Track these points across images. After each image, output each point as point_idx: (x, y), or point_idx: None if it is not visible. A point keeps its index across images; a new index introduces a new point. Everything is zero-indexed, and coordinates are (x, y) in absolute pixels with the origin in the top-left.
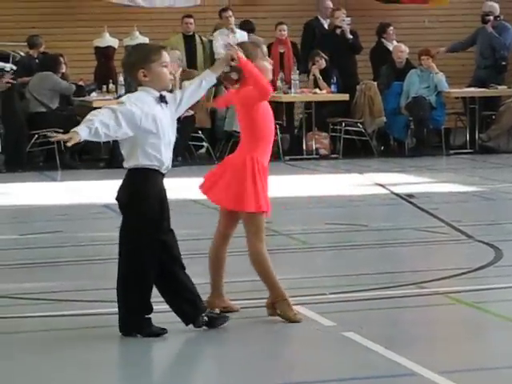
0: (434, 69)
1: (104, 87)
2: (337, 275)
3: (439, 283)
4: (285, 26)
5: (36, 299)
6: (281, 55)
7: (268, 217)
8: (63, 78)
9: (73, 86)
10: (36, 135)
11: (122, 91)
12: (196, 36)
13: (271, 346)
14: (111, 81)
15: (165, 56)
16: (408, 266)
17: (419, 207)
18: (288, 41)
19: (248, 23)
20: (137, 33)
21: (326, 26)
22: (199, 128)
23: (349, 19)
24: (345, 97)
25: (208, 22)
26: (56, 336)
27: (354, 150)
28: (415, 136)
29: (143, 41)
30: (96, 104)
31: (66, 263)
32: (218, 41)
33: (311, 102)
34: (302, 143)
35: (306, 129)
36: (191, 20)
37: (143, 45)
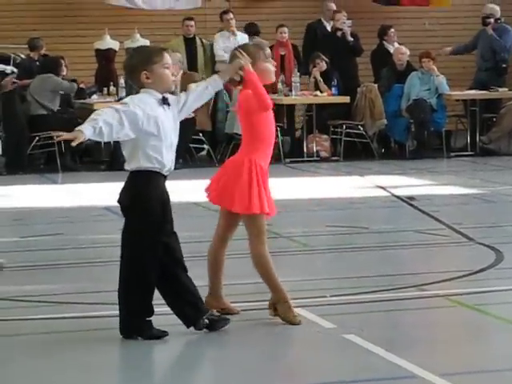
0: (435, 71)
1: (105, 89)
2: (337, 277)
3: (440, 285)
4: (285, 29)
5: (37, 301)
6: (281, 57)
7: (268, 219)
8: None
9: (74, 85)
10: (37, 137)
11: (123, 93)
12: (197, 38)
13: (272, 349)
14: (112, 83)
15: (167, 57)
16: (409, 269)
17: (420, 209)
18: (289, 43)
19: (253, 26)
20: (137, 35)
21: (329, 29)
22: (200, 130)
23: (349, 22)
24: (345, 99)
25: (209, 25)
26: (57, 338)
27: (355, 153)
28: (416, 138)
29: (144, 43)
30: (97, 106)
31: (67, 265)
32: (219, 43)
33: (312, 105)
34: (303, 145)
35: (307, 131)
36: (192, 22)
37: (145, 47)
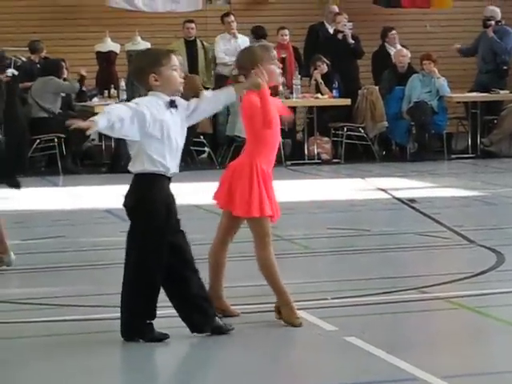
0: (436, 73)
1: (106, 92)
2: (339, 280)
3: (441, 288)
4: (286, 31)
5: (38, 304)
6: (282, 60)
7: (274, 222)
8: None
9: (76, 85)
10: (38, 140)
11: (124, 96)
12: (197, 41)
13: (273, 351)
14: (113, 86)
15: (174, 59)
16: (410, 271)
17: (421, 212)
18: (290, 45)
19: (260, 29)
20: (138, 38)
21: (331, 31)
22: (201, 133)
23: (350, 24)
24: (346, 101)
25: (209, 27)
26: (58, 341)
27: (356, 155)
28: (417, 141)
29: (145, 46)
30: (98, 109)
31: (68, 268)
32: (220, 46)
33: (313, 107)
34: (304, 148)
35: (308, 133)
36: (192, 25)
37: (151, 49)
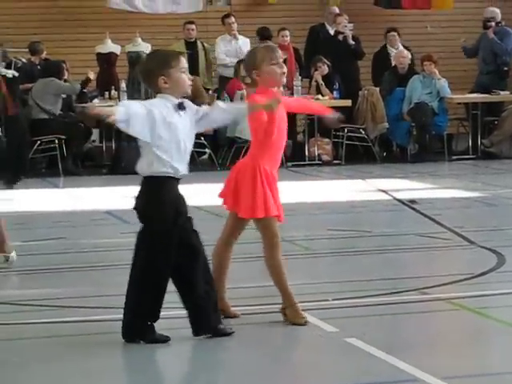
0: (437, 74)
1: (106, 94)
2: (339, 281)
3: (441, 289)
4: (287, 32)
5: (39, 305)
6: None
7: (280, 222)
8: None
9: (77, 87)
10: (38, 142)
11: (125, 97)
12: (198, 42)
13: (274, 352)
14: (113, 87)
15: (183, 62)
16: (410, 272)
17: (422, 213)
18: (290, 47)
19: (265, 30)
20: (139, 39)
21: (332, 32)
22: (201, 134)
23: (351, 25)
24: (347, 103)
25: (210, 29)
26: (58, 342)
27: (357, 156)
28: (417, 142)
29: (145, 47)
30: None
31: (69, 270)
32: (220, 47)
33: None
34: (305, 149)
35: (309, 135)
36: (193, 26)
37: (160, 51)
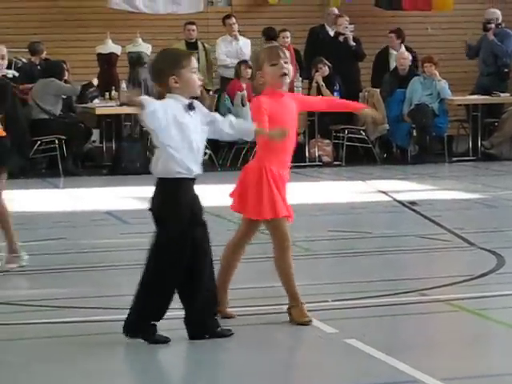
0: (437, 76)
1: (106, 94)
2: (339, 282)
3: (441, 290)
4: (288, 33)
5: (39, 306)
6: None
7: (291, 222)
8: None
9: (77, 88)
10: (38, 142)
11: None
12: (198, 43)
13: (273, 353)
14: (114, 87)
15: (194, 62)
16: (410, 274)
17: (422, 214)
18: (291, 48)
19: (271, 30)
20: (139, 39)
21: (332, 34)
22: None
23: (352, 26)
24: None
25: (211, 29)
26: (59, 343)
27: (357, 158)
28: (418, 143)
29: (146, 48)
30: (99, 111)
31: (69, 270)
32: (221, 48)
33: None
34: (305, 150)
35: (309, 136)
36: (194, 27)
37: (172, 50)
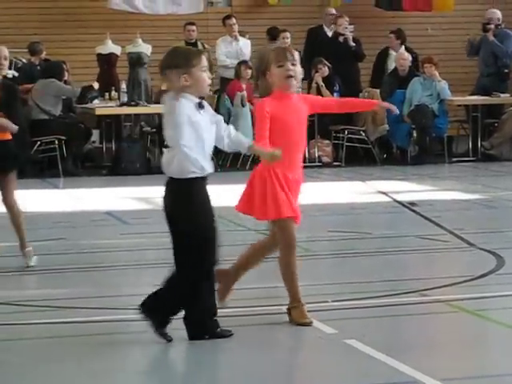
0: (437, 77)
1: (106, 94)
2: (339, 283)
3: (441, 291)
4: (288, 34)
5: (40, 306)
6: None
7: (297, 224)
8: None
9: (77, 90)
10: (38, 142)
11: (125, 98)
12: (198, 43)
13: (273, 353)
14: (114, 88)
15: (204, 60)
16: (410, 274)
17: (421, 215)
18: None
19: (275, 30)
20: (139, 40)
21: (330, 34)
22: None
23: (352, 27)
24: None
25: (211, 30)
26: (60, 343)
27: (357, 158)
28: (418, 144)
29: (146, 48)
30: (98, 111)
31: (70, 270)
32: (221, 48)
33: None
34: (305, 151)
35: (309, 136)
36: (193, 27)
37: (182, 48)
